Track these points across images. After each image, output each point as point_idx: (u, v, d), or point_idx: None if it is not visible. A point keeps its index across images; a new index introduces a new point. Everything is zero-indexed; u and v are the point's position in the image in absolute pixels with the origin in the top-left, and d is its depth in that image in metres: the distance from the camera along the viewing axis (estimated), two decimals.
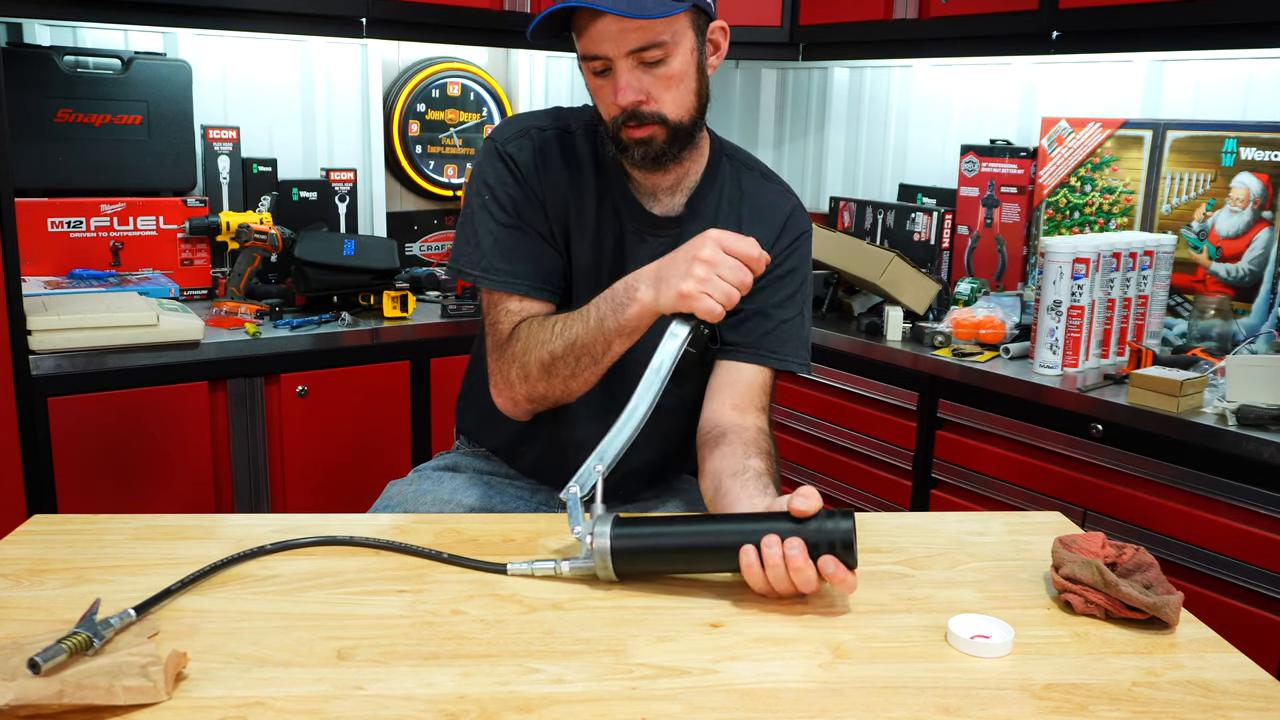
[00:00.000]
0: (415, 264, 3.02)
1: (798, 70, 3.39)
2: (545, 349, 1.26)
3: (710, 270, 1.13)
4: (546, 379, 1.27)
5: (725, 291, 1.13)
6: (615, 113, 1.27)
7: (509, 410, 1.36)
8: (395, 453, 2.49)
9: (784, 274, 1.42)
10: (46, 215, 2.41)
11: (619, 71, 1.24)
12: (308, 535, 1.16)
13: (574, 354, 1.24)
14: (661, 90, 1.26)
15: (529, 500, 1.50)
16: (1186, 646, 0.99)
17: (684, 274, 1.14)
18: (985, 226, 2.76)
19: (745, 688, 0.89)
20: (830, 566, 1.00)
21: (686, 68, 1.27)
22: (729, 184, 1.43)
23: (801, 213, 1.46)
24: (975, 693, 0.89)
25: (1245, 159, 2.21)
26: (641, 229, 1.38)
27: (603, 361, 1.24)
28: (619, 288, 1.22)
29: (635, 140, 1.28)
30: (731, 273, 1.14)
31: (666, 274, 1.17)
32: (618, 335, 1.22)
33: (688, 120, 1.30)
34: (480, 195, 1.36)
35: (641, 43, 1.22)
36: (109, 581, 1.05)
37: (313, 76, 2.85)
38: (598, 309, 1.23)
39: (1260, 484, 1.77)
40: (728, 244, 1.14)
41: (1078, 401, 2.02)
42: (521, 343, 1.30)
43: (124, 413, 2.14)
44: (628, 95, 1.24)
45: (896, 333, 2.45)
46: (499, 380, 1.34)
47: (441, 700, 0.86)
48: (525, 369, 1.29)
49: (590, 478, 1.10)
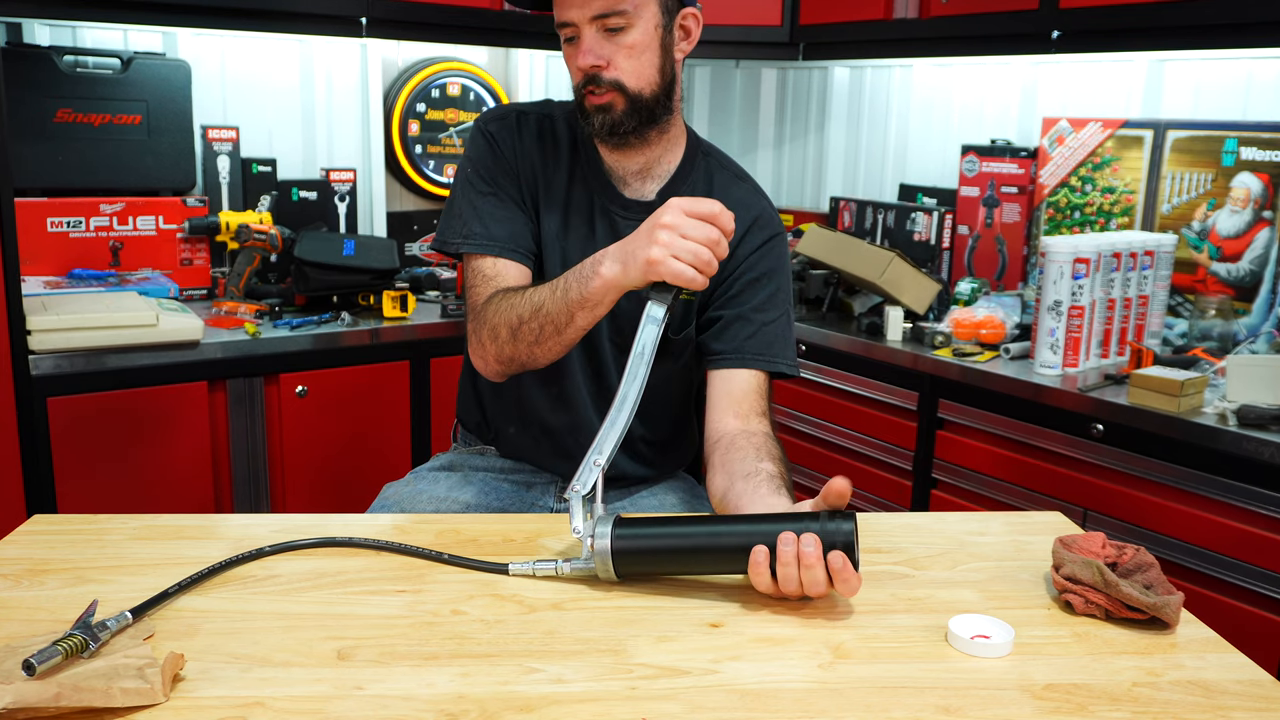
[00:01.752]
0: (415, 264, 3.01)
1: (798, 70, 3.39)
2: (514, 312, 1.30)
3: (673, 234, 1.14)
4: (513, 342, 1.31)
5: (693, 250, 1.13)
6: (579, 78, 1.35)
7: (482, 369, 1.39)
8: (394, 453, 2.49)
9: (758, 276, 1.42)
10: (46, 215, 2.41)
11: (582, 36, 1.32)
12: (307, 535, 1.16)
13: (538, 321, 1.27)
14: (622, 58, 1.32)
15: (525, 496, 1.51)
16: (1186, 646, 0.99)
17: (648, 242, 1.15)
18: (985, 226, 2.76)
19: (745, 688, 0.89)
20: (838, 561, 0.99)
21: (648, 41, 1.33)
22: (702, 179, 1.46)
23: (772, 215, 1.47)
24: (975, 693, 0.89)
25: (1245, 159, 2.21)
26: (612, 208, 1.43)
27: (566, 332, 1.27)
28: (586, 263, 1.24)
29: (595, 107, 1.34)
30: (696, 230, 1.14)
31: (631, 246, 1.19)
32: (580, 307, 1.24)
33: (648, 94, 1.35)
34: (463, 171, 1.45)
35: (603, 9, 1.29)
36: (109, 581, 1.05)
37: (313, 76, 2.85)
38: (564, 280, 1.26)
39: (1260, 484, 1.77)
40: (688, 206, 1.16)
41: (1078, 401, 2.02)
42: (494, 306, 1.34)
43: (124, 413, 2.14)
44: (587, 59, 1.32)
45: (897, 333, 2.45)
46: (473, 340, 1.38)
47: (441, 700, 0.86)
48: (495, 330, 1.33)
49: (591, 474, 1.10)
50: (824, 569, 0.99)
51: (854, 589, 1.01)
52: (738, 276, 1.42)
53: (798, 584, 1.00)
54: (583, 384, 1.45)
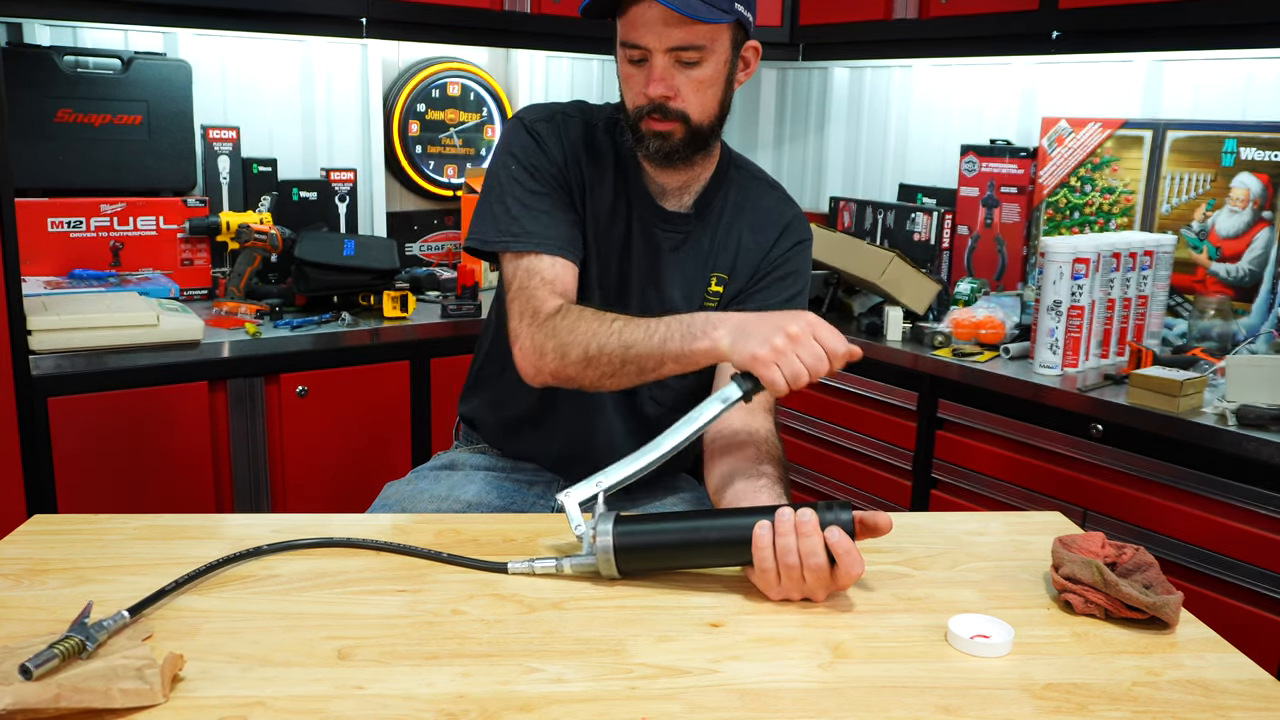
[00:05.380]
0: (415, 264, 3.02)
1: (798, 70, 3.39)
2: (595, 341, 1.26)
3: (791, 346, 1.15)
4: (584, 368, 1.28)
5: (795, 371, 1.14)
6: (642, 102, 1.32)
7: (528, 374, 1.35)
8: (395, 453, 2.49)
9: (784, 275, 1.45)
10: (46, 215, 2.41)
11: (655, 64, 1.29)
12: (307, 535, 1.16)
13: (622, 359, 1.25)
14: (690, 91, 1.31)
15: (525, 494, 1.51)
16: (1186, 646, 0.99)
17: (765, 339, 1.15)
18: (985, 226, 2.76)
19: (745, 688, 0.89)
20: (835, 535, 1.01)
21: (717, 76, 1.32)
22: (735, 189, 1.47)
23: (801, 222, 1.50)
24: (975, 693, 0.89)
25: (1245, 159, 2.21)
26: (651, 220, 1.42)
27: (647, 376, 1.26)
28: (699, 319, 1.23)
29: (655, 132, 1.33)
30: (809, 357, 1.15)
31: (750, 330, 1.18)
32: (675, 361, 1.23)
33: (707, 126, 1.35)
34: (506, 167, 1.40)
35: (683, 42, 1.27)
36: (109, 581, 1.05)
37: (313, 76, 2.85)
38: (666, 327, 1.23)
39: (1260, 484, 1.77)
40: (819, 332, 1.16)
41: (1078, 401, 2.02)
42: (570, 321, 1.29)
43: (124, 413, 2.14)
44: (659, 88, 1.29)
45: (896, 333, 2.45)
46: (528, 346, 1.32)
47: (441, 700, 0.86)
48: (564, 349, 1.28)
49: (589, 490, 1.12)
50: (821, 540, 1.01)
51: (856, 565, 1.01)
52: (765, 273, 1.45)
53: (796, 556, 1.01)
54: (611, 409, 1.46)
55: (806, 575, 1.02)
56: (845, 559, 1.01)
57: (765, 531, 1.02)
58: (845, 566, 1.01)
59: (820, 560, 1.01)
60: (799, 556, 1.01)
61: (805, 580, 1.02)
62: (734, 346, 1.18)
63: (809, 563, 1.01)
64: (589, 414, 1.46)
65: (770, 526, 1.03)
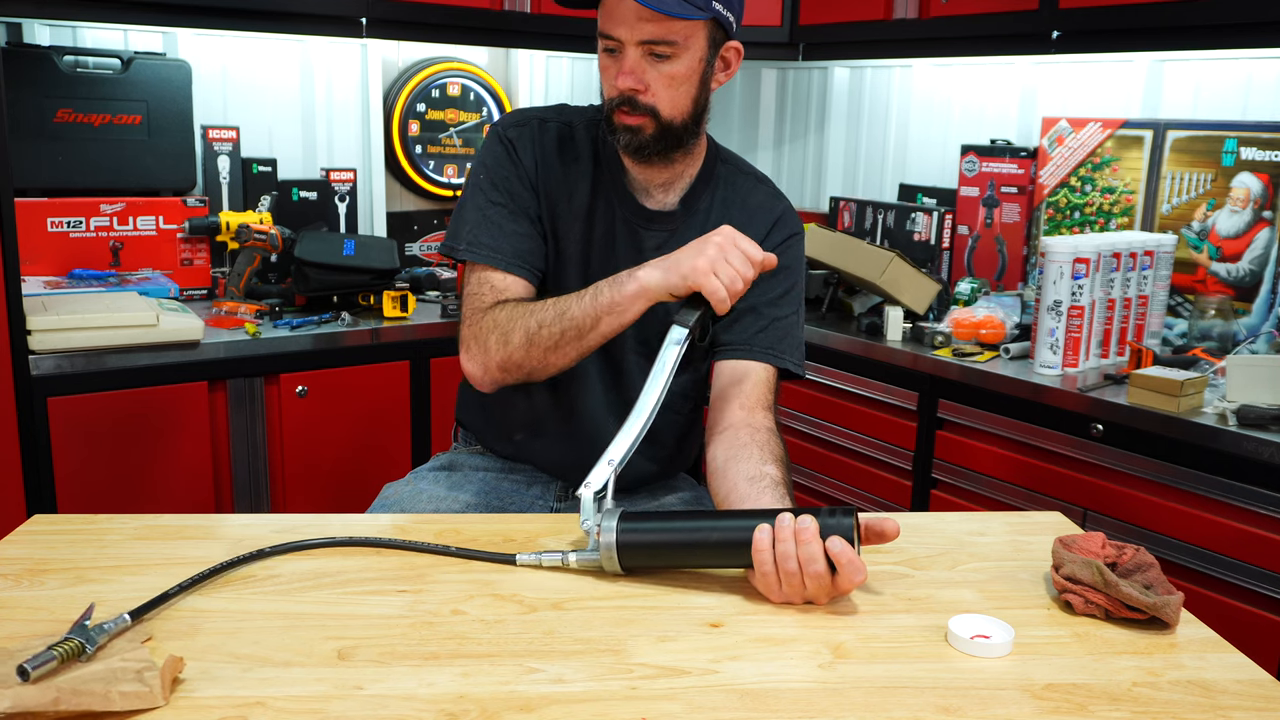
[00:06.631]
0: (415, 264, 3.01)
1: (798, 70, 3.38)
2: (532, 318, 1.29)
3: (721, 254, 1.18)
4: (526, 347, 1.29)
5: (732, 276, 1.17)
6: (614, 94, 1.33)
7: (476, 376, 1.37)
8: (395, 453, 2.49)
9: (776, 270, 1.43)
10: (46, 215, 2.41)
11: (626, 56, 1.30)
12: (307, 535, 1.16)
13: (561, 329, 1.27)
14: (661, 86, 1.31)
15: (524, 495, 1.51)
16: (1186, 646, 0.99)
17: (695, 254, 1.19)
18: (985, 226, 2.76)
19: (745, 688, 0.89)
20: (838, 545, 1.00)
21: (690, 73, 1.32)
22: (723, 185, 1.47)
23: (792, 215, 1.49)
24: (975, 693, 0.89)
25: (1245, 159, 2.21)
26: (634, 220, 1.42)
27: (588, 338, 1.27)
28: (623, 272, 1.25)
29: (624, 125, 1.33)
30: (739, 262, 1.18)
31: (678, 257, 1.21)
32: (609, 312, 1.24)
33: (679, 122, 1.34)
34: (476, 175, 1.42)
35: (654, 36, 1.27)
36: (109, 581, 1.05)
37: (313, 76, 2.85)
38: (595, 287, 1.26)
39: (1260, 484, 1.77)
40: (739, 240, 1.20)
41: (1078, 401, 2.02)
42: (505, 311, 1.33)
43: (124, 413, 2.14)
44: (627, 80, 1.30)
45: (896, 333, 2.45)
46: (472, 345, 1.36)
47: (441, 700, 0.86)
48: (506, 335, 1.31)
49: (603, 472, 1.12)
50: (821, 548, 1.00)
51: (858, 574, 1.01)
52: None
53: (795, 562, 1.01)
54: (601, 395, 1.45)
55: (807, 581, 1.02)
56: (846, 568, 1.00)
57: (765, 535, 1.02)
58: (846, 575, 1.01)
59: (820, 568, 1.01)
60: (798, 563, 1.01)
61: (806, 586, 1.02)
62: (665, 276, 1.20)
63: (808, 570, 1.01)
64: (583, 417, 1.45)
65: (770, 531, 1.02)
